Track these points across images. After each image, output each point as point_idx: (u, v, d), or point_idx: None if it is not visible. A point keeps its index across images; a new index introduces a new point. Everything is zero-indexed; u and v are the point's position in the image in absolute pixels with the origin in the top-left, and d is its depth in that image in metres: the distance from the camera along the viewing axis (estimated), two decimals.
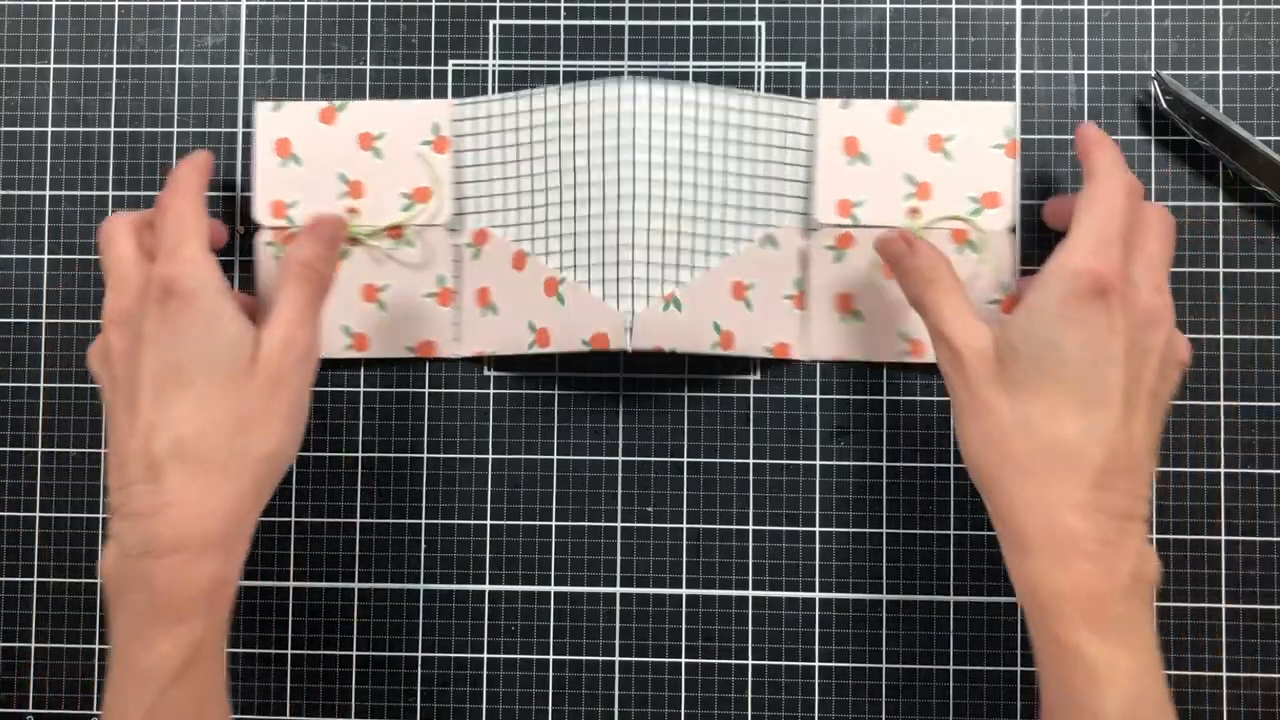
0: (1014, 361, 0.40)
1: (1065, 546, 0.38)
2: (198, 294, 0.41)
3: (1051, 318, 0.39)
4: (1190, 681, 0.50)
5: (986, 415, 0.40)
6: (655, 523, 0.52)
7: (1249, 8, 0.51)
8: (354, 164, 0.50)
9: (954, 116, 0.50)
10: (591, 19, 0.53)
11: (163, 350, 0.41)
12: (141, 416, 0.41)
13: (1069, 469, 0.38)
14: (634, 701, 0.51)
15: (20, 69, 0.53)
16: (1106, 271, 0.39)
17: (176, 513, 0.40)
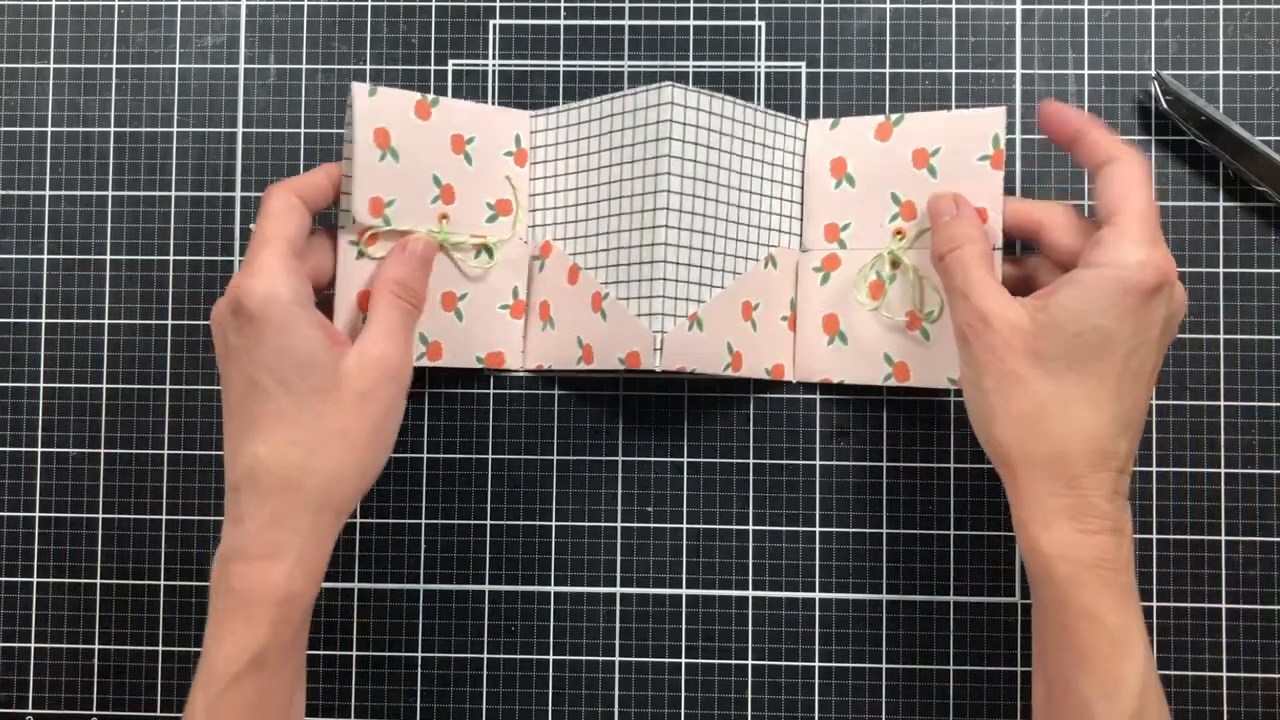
0: (1057, 340, 0.39)
1: (1092, 524, 0.39)
2: (266, 309, 0.40)
3: (1109, 305, 0.39)
4: (1190, 681, 0.50)
5: (1020, 391, 0.39)
6: (655, 523, 0.52)
7: (1249, 8, 0.51)
8: (447, 167, 0.48)
9: (940, 128, 0.47)
10: (591, 19, 0.53)
11: (242, 364, 0.41)
12: (229, 426, 0.42)
13: (1104, 455, 0.39)
14: (634, 701, 0.51)
15: (20, 69, 0.53)
16: (1168, 267, 0.39)
17: (253, 524, 0.40)
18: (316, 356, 0.40)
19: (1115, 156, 0.41)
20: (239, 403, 0.41)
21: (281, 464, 0.40)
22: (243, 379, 0.41)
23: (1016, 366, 0.40)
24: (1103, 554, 0.39)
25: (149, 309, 0.53)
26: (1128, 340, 0.39)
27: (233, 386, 0.41)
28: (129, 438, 0.52)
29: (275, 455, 0.40)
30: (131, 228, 0.53)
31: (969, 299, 0.41)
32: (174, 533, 0.52)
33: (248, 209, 0.53)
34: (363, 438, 0.41)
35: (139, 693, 0.52)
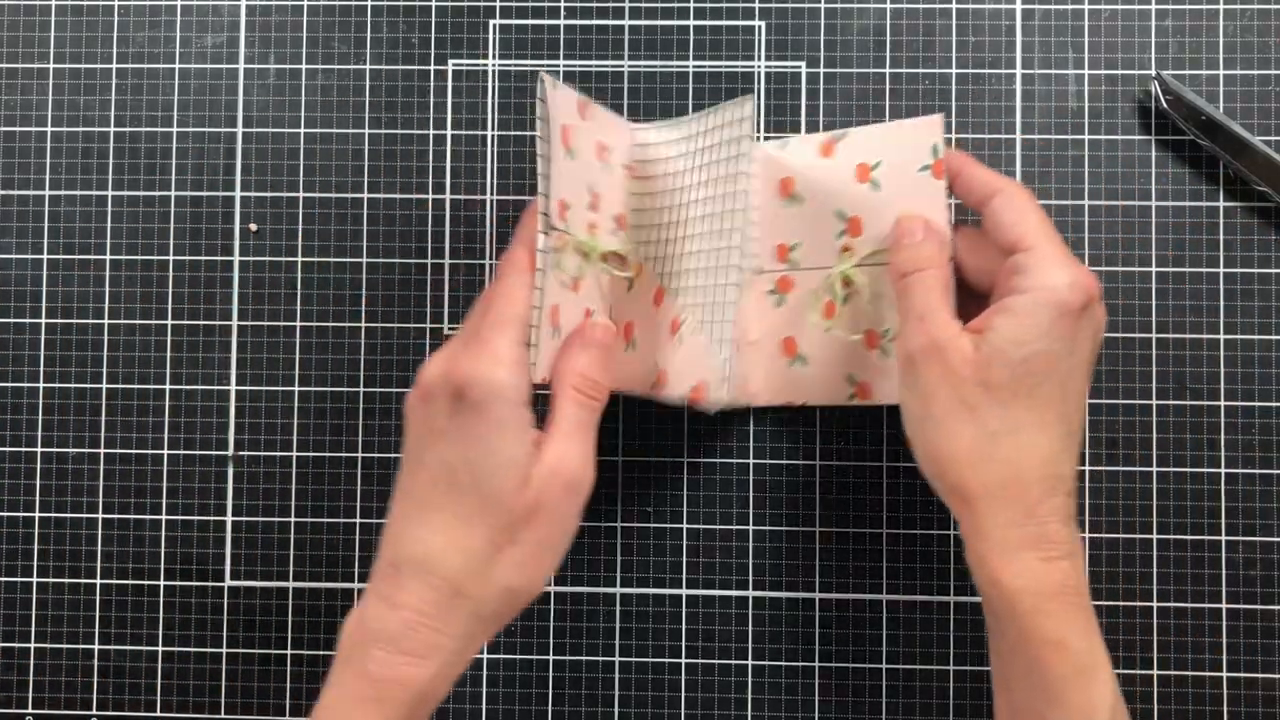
0: (1003, 368, 0.39)
1: (1052, 551, 0.39)
2: (489, 403, 0.38)
3: (1046, 329, 0.39)
4: (1190, 681, 0.50)
5: (972, 420, 0.39)
6: (655, 523, 0.52)
7: (1249, 8, 0.51)
8: (595, 176, 0.44)
9: (880, 140, 0.45)
10: (591, 19, 0.53)
11: (443, 450, 0.39)
12: (404, 502, 0.39)
13: (1055, 479, 0.39)
14: (634, 701, 0.51)
15: (20, 69, 0.53)
16: (1093, 284, 0.40)
17: (410, 618, 0.38)
18: (519, 464, 0.38)
19: (999, 188, 0.42)
20: (426, 486, 0.39)
21: (457, 568, 0.38)
22: (439, 464, 0.39)
23: (968, 396, 0.39)
24: (1065, 580, 0.38)
25: (149, 309, 0.53)
26: (1066, 360, 0.39)
27: (424, 468, 0.39)
28: (129, 438, 0.52)
29: (452, 556, 0.38)
30: (131, 228, 0.53)
31: (924, 324, 0.41)
32: (174, 533, 0.52)
33: (247, 209, 0.53)
34: (535, 549, 0.39)
35: (139, 693, 0.52)
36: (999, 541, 0.39)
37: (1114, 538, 0.51)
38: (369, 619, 0.39)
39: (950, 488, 0.40)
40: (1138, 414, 0.51)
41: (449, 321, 0.52)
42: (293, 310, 0.53)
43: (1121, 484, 0.51)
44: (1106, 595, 0.50)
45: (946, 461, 0.40)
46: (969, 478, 0.39)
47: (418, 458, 0.40)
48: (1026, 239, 0.40)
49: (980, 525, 0.39)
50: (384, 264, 0.52)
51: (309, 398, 0.52)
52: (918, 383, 0.40)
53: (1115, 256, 0.51)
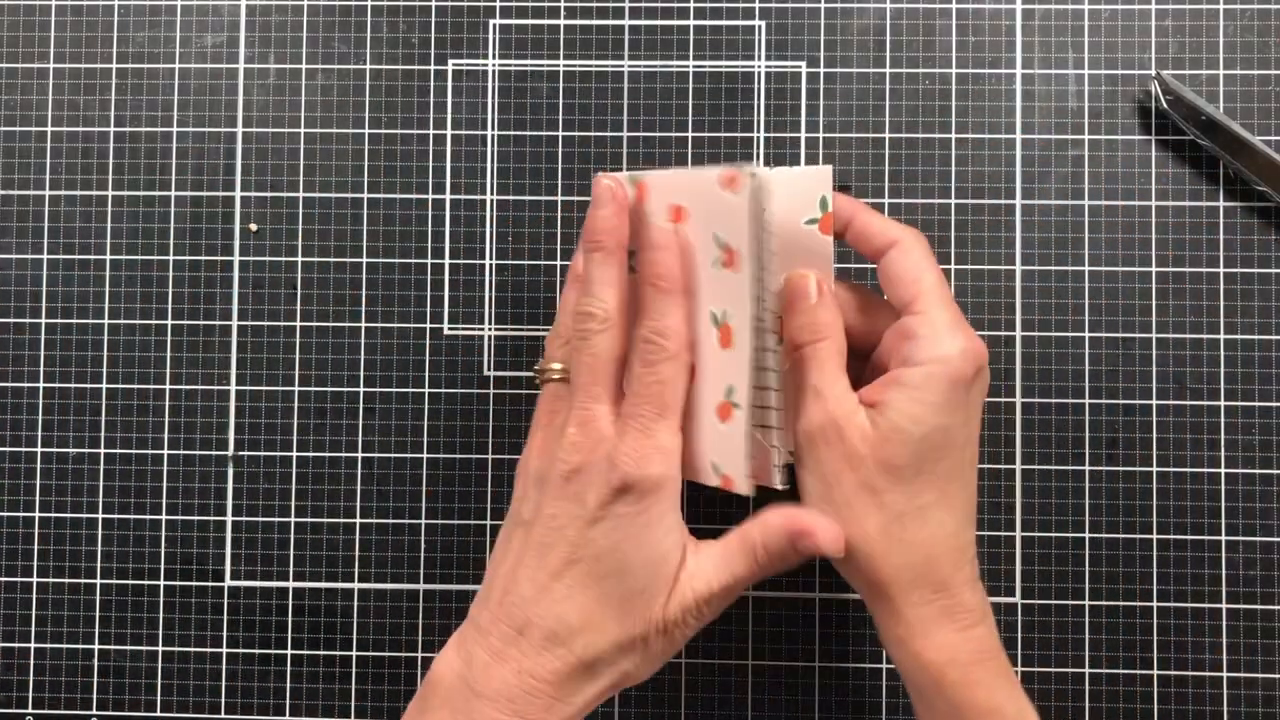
0: (903, 447, 0.38)
1: (966, 619, 0.38)
2: (656, 500, 0.37)
3: (942, 403, 0.38)
4: (1190, 682, 0.50)
5: (876, 504, 0.38)
6: None
7: (1249, 8, 0.51)
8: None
9: (769, 185, 0.40)
10: (591, 19, 0.53)
11: (594, 534, 0.38)
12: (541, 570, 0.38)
13: (961, 549, 0.39)
14: (634, 701, 0.51)
15: (20, 69, 0.53)
16: (982, 350, 0.39)
17: (534, 684, 0.38)
18: (668, 558, 0.38)
19: (895, 239, 0.40)
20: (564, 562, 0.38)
21: (591, 652, 0.38)
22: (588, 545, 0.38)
23: (870, 478, 0.38)
24: (983, 646, 0.38)
25: (149, 309, 0.53)
26: (962, 431, 0.39)
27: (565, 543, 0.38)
28: (129, 438, 0.52)
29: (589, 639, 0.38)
30: (131, 228, 0.53)
31: (823, 401, 0.39)
32: (174, 533, 0.52)
33: (247, 209, 0.53)
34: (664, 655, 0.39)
35: (139, 693, 0.52)
36: (915, 620, 0.38)
37: (1114, 538, 0.51)
38: (479, 674, 0.38)
39: (859, 576, 0.39)
40: (1138, 414, 0.51)
41: (449, 322, 0.52)
42: (293, 310, 0.53)
43: (1121, 484, 0.51)
44: (1107, 595, 0.50)
45: (853, 550, 0.39)
46: (879, 565, 0.38)
47: (558, 531, 0.38)
48: (919, 300, 0.39)
49: (896, 609, 0.39)
50: (384, 264, 0.52)
51: (309, 398, 0.52)
52: (818, 464, 0.39)
53: (1115, 256, 0.51)
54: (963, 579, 0.39)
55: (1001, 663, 0.39)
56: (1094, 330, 0.51)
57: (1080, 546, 0.51)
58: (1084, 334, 0.51)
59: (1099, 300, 0.51)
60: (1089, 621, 0.51)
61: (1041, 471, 0.51)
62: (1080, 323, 0.51)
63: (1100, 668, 0.50)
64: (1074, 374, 0.51)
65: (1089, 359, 0.51)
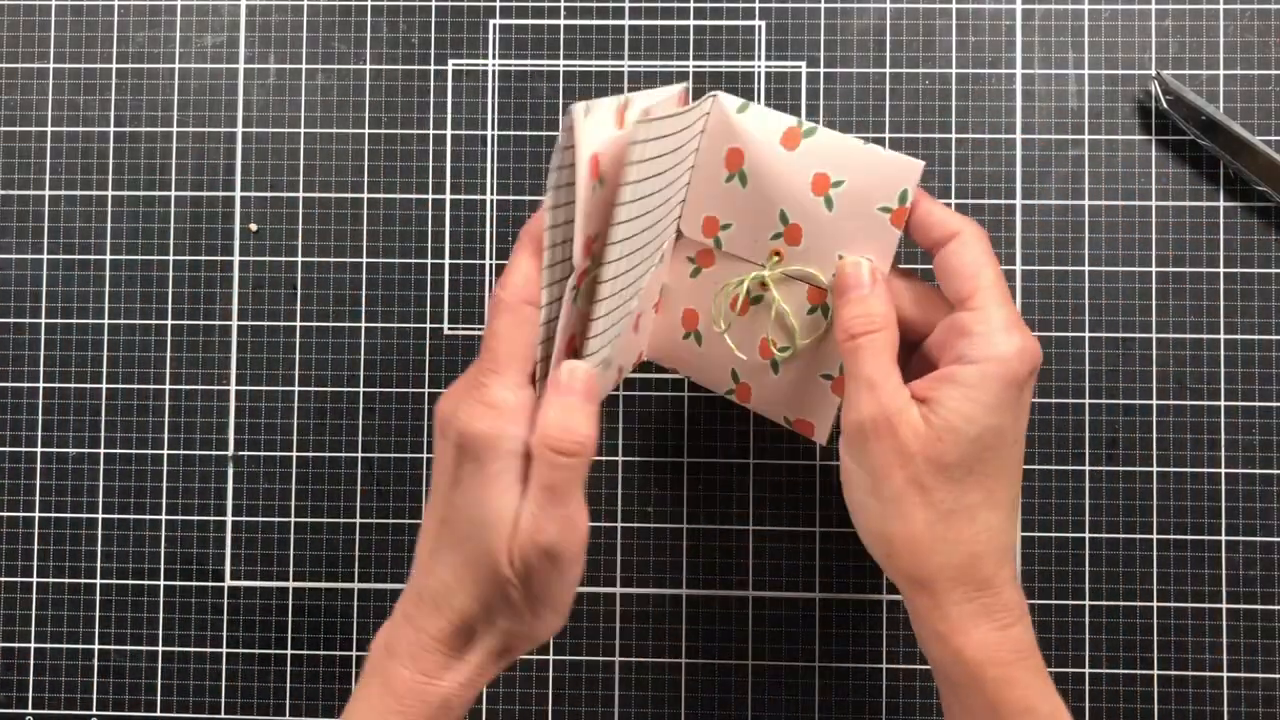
0: (956, 445, 0.37)
1: (1005, 618, 0.38)
2: (482, 458, 0.37)
3: (997, 402, 0.37)
4: (1190, 682, 0.50)
5: (924, 501, 0.38)
6: (655, 523, 0.52)
7: (1249, 8, 0.51)
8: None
9: (850, 159, 0.40)
10: (591, 19, 0.53)
11: (450, 494, 0.38)
12: (428, 534, 0.39)
13: (1005, 550, 0.39)
14: (634, 701, 0.51)
15: (20, 69, 0.53)
16: (1038, 348, 0.38)
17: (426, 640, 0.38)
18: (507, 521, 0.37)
19: (955, 231, 0.39)
20: (438, 524, 0.39)
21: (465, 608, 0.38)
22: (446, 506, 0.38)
23: (920, 475, 0.38)
24: (1021, 644, 0.38)
25: (149, 309, 0.53)
26: (1013, 431, 0.38)
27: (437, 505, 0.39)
28: (129, 438, 0.52)
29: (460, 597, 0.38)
30: (131, 228, 0.53)
31: (875, 393, 0.38)
32: (174, 533, 0.52)
33: (247, 209, 0.53)
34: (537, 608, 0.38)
35: (139, 693, 0.52)
36: (957, 617, 0.38)
37: (1114, 538, 0.51)
38: (394, 637, 0.39)
39: (902, 571, 0.39)
40: (1138, 414, 0.51)
41: (449, 322, 0.52)
42: (293, 310, 0.53)
43: (1121, 484, 0.51)
44: (1107, 595, 0.50)
45: (899, 546, 0.39)
46: (924, 562, 0.38)
47: (436, 491, 0.39)
48: (976, 296, 0.39)
49: (937, 604, 0.38)
50: (384, 264, 0.52)
51: (309, 398, 0.52)
52: (867, 457, 0.38)
53: (1115, 256, 0.51)
54: (1005, 578, 0.38)
55: (1038, 662, 0.39)
56: (1094, 330, 0.51)
57: (1080, 546, 0.51)
58: (1084, 334, 0.51)
59: (1099, 300, 0.51)
60: (1089, 621, 0.51)
61: (1041, 471, 0.51)
62: (1080, 323, 0.51)
63: (1100, 668, 0.50)
64: (1074, 374, 0.51)
65: (1089, 359, 0.51)
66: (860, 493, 0.39)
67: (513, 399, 0.37)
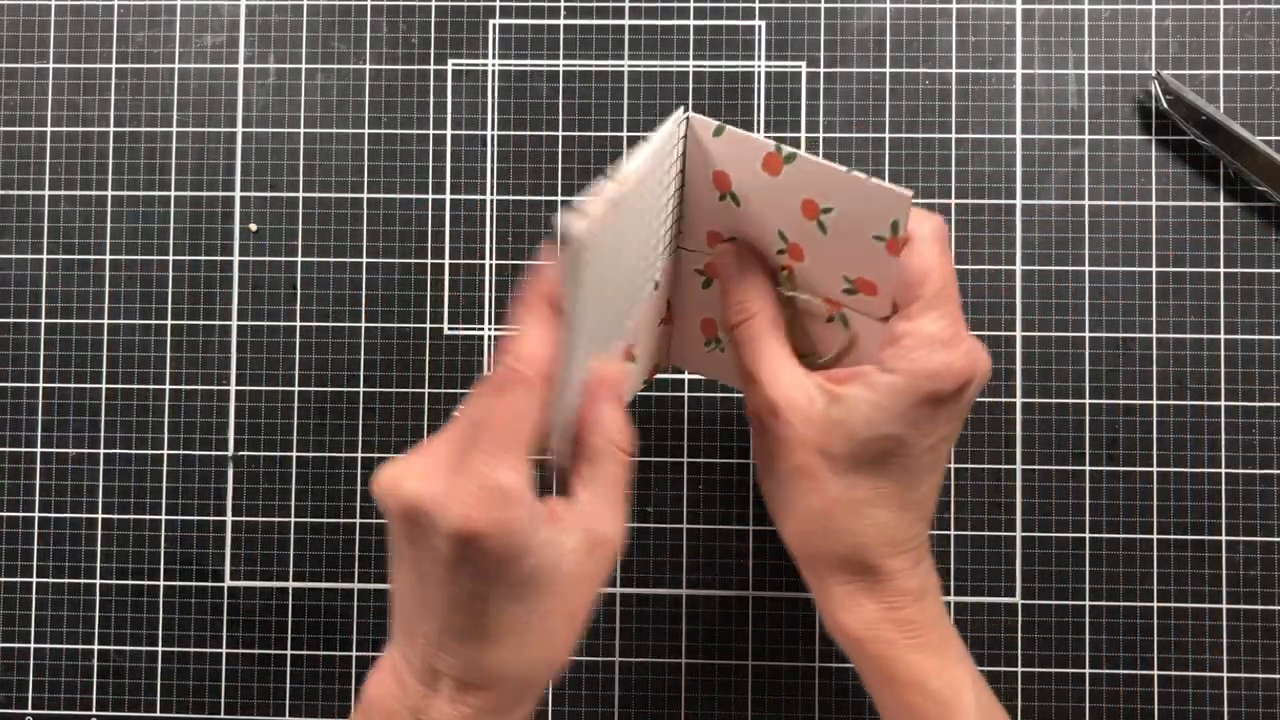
0: (845, 442, 0.37)
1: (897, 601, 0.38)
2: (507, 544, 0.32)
3: (898, 414, 0.36)
4: (1190, 682, 0.50)
5: (811, 487, 0.38)
6: (655, 523, 0.52)
7: (1249, 8, 0.51)
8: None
9: (836, 186, 0.38)
10: (591, 19, 0.53)
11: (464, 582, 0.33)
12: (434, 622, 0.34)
13: (894, 545, 0.38)
14: (634, 702, 0.51)
15: (20, 69, 0.53)
16: (965, 367, 0.36)
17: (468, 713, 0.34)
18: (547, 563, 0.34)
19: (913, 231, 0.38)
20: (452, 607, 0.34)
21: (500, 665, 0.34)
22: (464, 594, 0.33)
23: (807, 461, 0.37)
24: (913, 622, 0.38)
25: (149, 309, 0.53)
26: (920, 443, 0.37)
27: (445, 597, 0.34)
28: (129, 438, 0.52)
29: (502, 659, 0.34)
30: (131, 228, 0.53)
31: (759, 382, 0.38)
32: (174, 533, 0.52)
33: (247, 209, 0.53)
34: (581, 616, 0.36)
35: (139, 693, 0.52)
36: (839, 596, 0.39)
37: (1114, 538, 0.51)
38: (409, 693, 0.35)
39: (793, 550, 0.40)
40: (1138, 414, 0.51)
41: (449, 322, 0.52)
42: (293, 310, 0.53)
43: (1121, 484, 0.51)
44: (1107, 595, 0.50)
45: (788, 527, 0.39)
46: (809, 544, 0.39)
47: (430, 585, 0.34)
48: (915, 305, 0.37)
49: (821, 583, 0.39)
50: (384, 264, 0.52)
51: (309, 398, 0.52)
52: (762, 442, 0.39)
53: (1115, 256, 0.51)
54: (895, 567, 0.38)
55: (930, 633, 0.38)
56: (1094, 330, 0.51)
57: (1080, 546, 0.51)
58: (1084, 334, 0.51)
59: (1099, 300, 0.51)
60: (1089, 621, 0.50)
61: (1041, 471, 0.51)
62: (1080, 323, 0.51)
63: (1100, 668, 0.50)
64: (1074, 374, 0.51)
65: (1089, 359, 0.51)
66: (763, 472, 0.40)
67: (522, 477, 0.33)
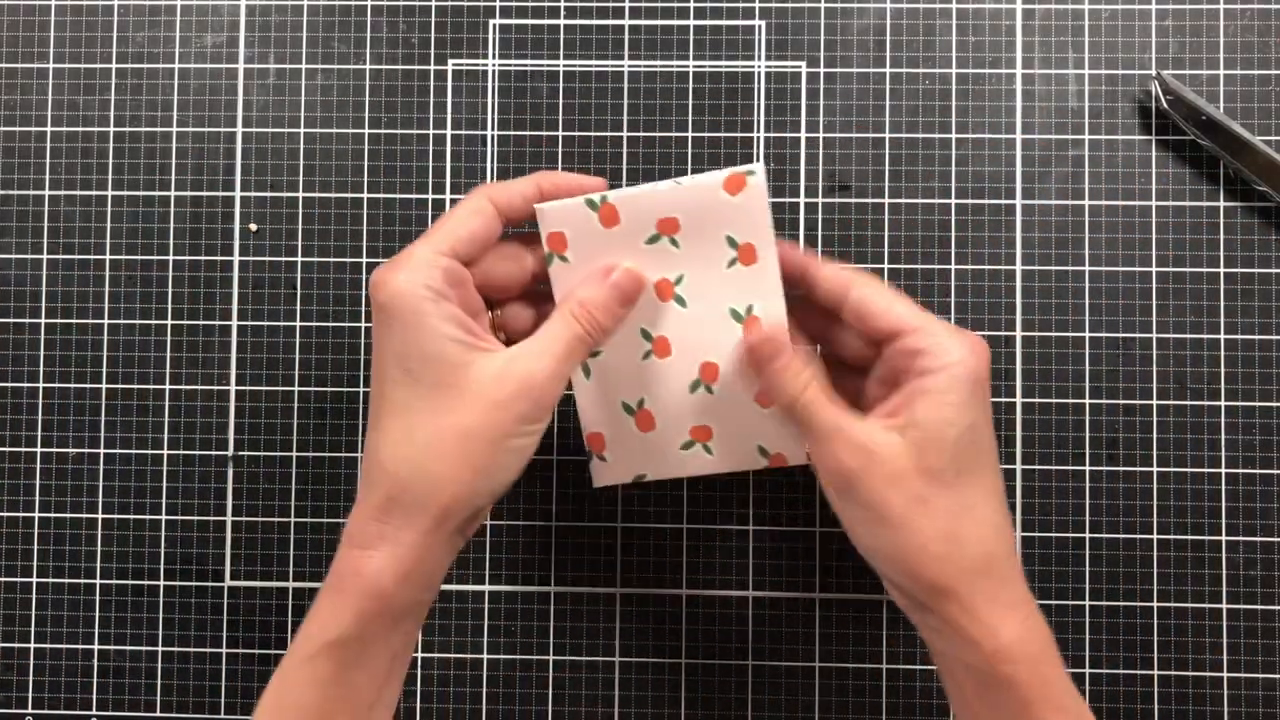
0: (942, 452, 0.38)
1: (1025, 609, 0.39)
2: (395, 302, 0.39)
3: (968, 402, 0.39)
4: (1190, 682, 0.50)
5: (929, 512, 0.38)
6: (655, 523, 0.52)
7: (1249, 7, 0.51)
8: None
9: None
10: (591, 19, 0.53)
11: (377, 353, 0.40)
12: (370, 415, 0.41)
13: (1010, 540, 0.40)
14: (634, 702, 0.51)
15: (20, 69, 0.53)
16: (985, 345, 0.40)
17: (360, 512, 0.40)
18: (444, 352, 0.39)
19: (850, 280, 0.42)
20: (374, 391, 0.40)
21: (392, 456, 0.39)
22: (376, 367, 0.40)
23: (916, 490, 0.38)
24: (1044, 637, 0.39)
25: (149, 309, 0.53)
26: (987, 425, 0.40)
27: (373, 374, 0.40)
28: (129, 438, 0.52)
29: (389, 446, 0.39)
30: (131, 228, 0.53)
31: (844, 435, 0.39)
32: (174, 533, 0.52)
33: (247, 209, 0.53)
34: (482, 446, 0.39)
35: (139, 693, 0.52)
36: (987, 617, 0.38)
37: (1114, 538, 0.51)
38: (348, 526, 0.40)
39: (926, 586, 0.39)
40: (1138, 414, 0.51)
41: None
42: (293, 310, 0.53)
43: (1121, 484, 0.51)
44: (1107, 595, 0.50)
45: (916, 562, 0.39)
46: (945, 570, 0.39)
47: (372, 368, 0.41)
48: (908, 320, 0.40)
49: (967, 609, 0.39)
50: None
51: (309, 398, 0.52)
52: (860, 496, 0.39)
53: (1115, 256, 0.51)
54: (1017, 571, 0.40)
55: (1059, 656, 0.39)
56: (1094, 330, 0.51)
57: (1080, 546, 0.51)
58: (1084, 334, 0.51)
59: (1099, 300, 0.51)
60: (1089, 621, 0.51)
61: (1041, 471, 0.51)
62: (1080, 323, 0.51)
63: (1100, 668, 0.50)
64: (1074, 374, 0.51)
65: (1089, 359, 0.51)
66: (865, 530, 0.40)
67: (431, 259, 0.40)
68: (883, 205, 0.52)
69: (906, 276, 0.51)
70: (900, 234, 0.51)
